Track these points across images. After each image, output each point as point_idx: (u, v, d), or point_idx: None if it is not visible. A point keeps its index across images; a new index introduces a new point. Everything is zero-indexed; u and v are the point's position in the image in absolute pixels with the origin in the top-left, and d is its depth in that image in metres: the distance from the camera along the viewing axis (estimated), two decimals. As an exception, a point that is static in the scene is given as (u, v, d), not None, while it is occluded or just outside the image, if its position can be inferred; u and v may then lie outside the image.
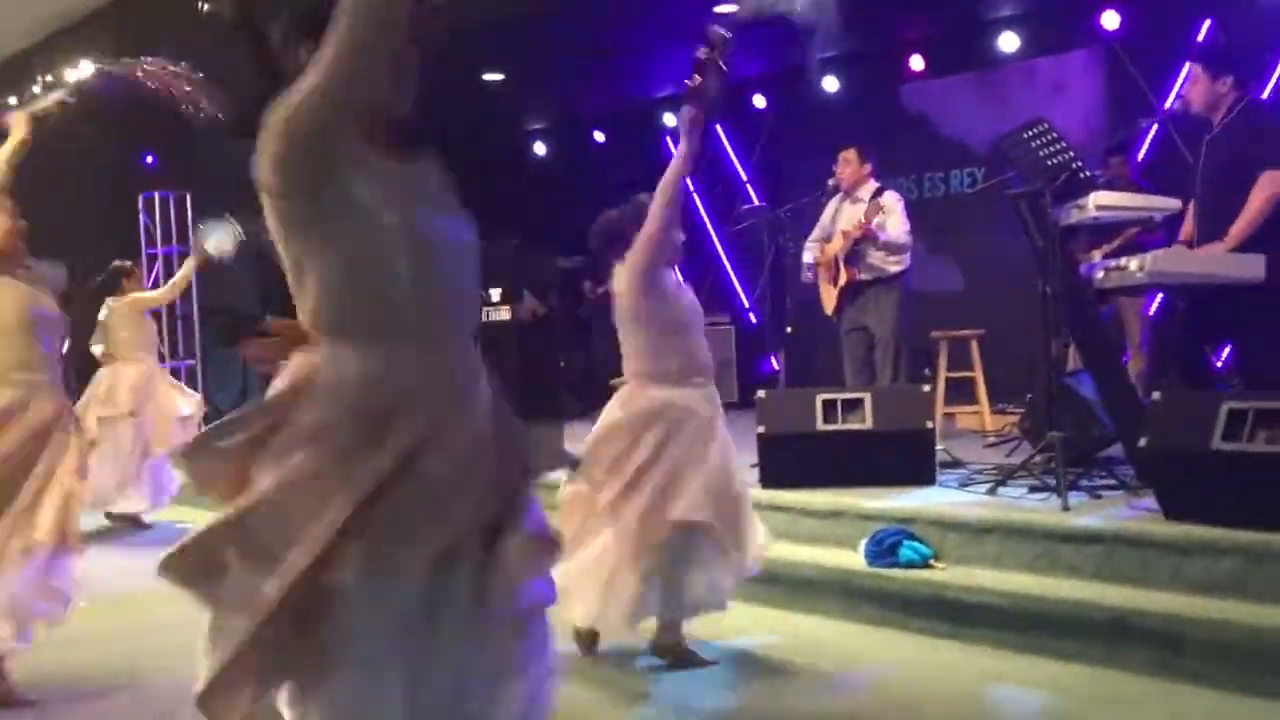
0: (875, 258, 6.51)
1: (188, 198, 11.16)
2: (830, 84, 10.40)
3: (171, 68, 3.82)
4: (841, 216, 6.71)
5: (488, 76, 10.43)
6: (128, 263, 8.02)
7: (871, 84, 10.27)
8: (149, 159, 11.86)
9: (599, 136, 12.08)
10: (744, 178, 11.16)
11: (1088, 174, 4.87)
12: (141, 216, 11.28)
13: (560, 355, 9.53)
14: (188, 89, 3.74)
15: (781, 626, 4.62)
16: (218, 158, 12.21)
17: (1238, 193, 4.65)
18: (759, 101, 10.94)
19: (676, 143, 3.86)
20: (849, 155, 6.70)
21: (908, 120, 10.06)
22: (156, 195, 11.27)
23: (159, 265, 11.22)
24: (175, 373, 9.80)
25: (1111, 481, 4.94)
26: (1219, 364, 5.71)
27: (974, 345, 7.66)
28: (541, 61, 10.20)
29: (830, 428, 5.36)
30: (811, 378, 8.13)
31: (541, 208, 10.99)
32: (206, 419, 9.01)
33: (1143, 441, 4.35)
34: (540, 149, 12.73)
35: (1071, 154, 4.82)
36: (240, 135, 2.14)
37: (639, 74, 10.78)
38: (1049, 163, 4.86)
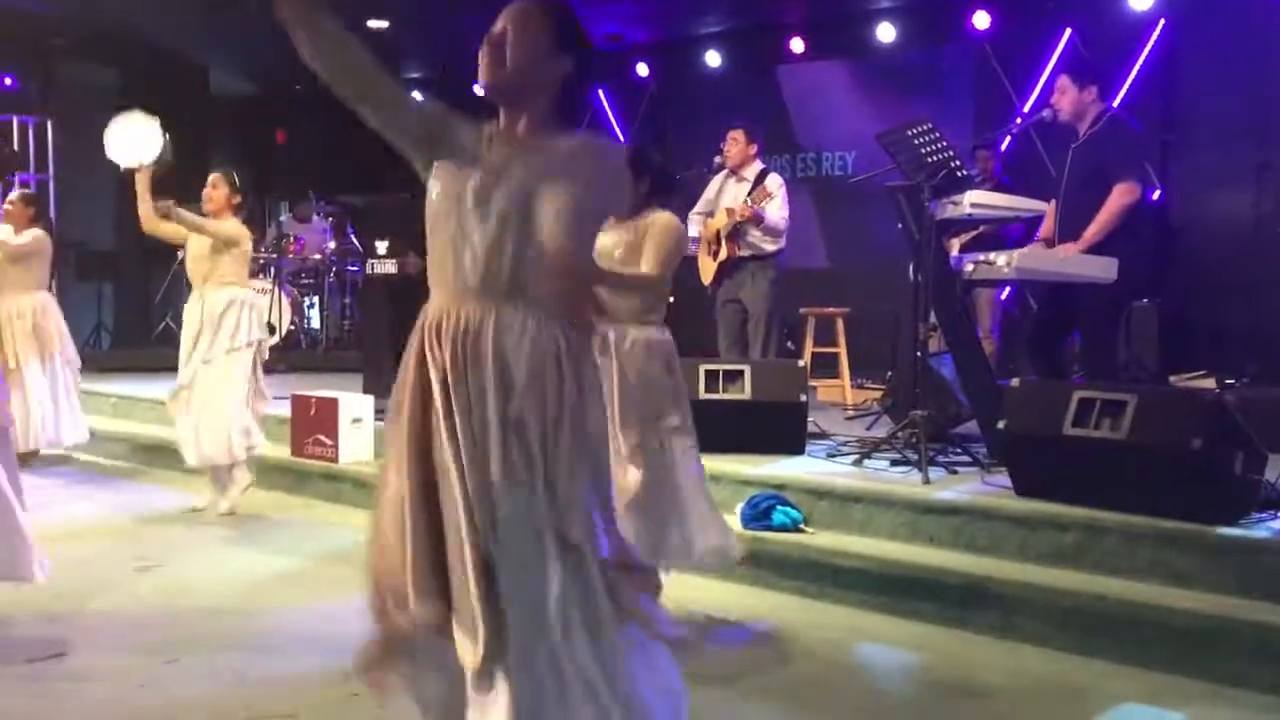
0: (754, 236, 6.80)
1: (49, 123, 10.80)
2: (712, 58, 10.66)
3: None
4: (726, 194, 6.97)
5: (372, 24, 10.35)
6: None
7: (752, 61, 10.58)
8: (7, 81, 11.41)
9: (479, 90, 12.07)
10: (624, 143, 11.36)
11: (965, 172, 5.23)
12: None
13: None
14: None
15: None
16: (80, 83, 11.93)
17: (1097, 199, 5.08)
18: (642, 70, 11.12)
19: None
20: (737, 135, 6.94)
21: (784, 100, 10.39)
22: (15, 120, 10.86)
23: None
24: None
25: (967, 458, 5.35)
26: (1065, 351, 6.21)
27: (839, 322, 8.06)
28: (426, 11, 10.19)
29: (711, 396, 5.64)
30: (681, 345, 8.39)
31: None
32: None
33: (1001, 424, 4.75)
34: (419, 99, 12.65)
35: (951, 153, 5.17)
36: None
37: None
38: (929, 160, 5.20)
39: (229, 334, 5.97)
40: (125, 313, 12.42)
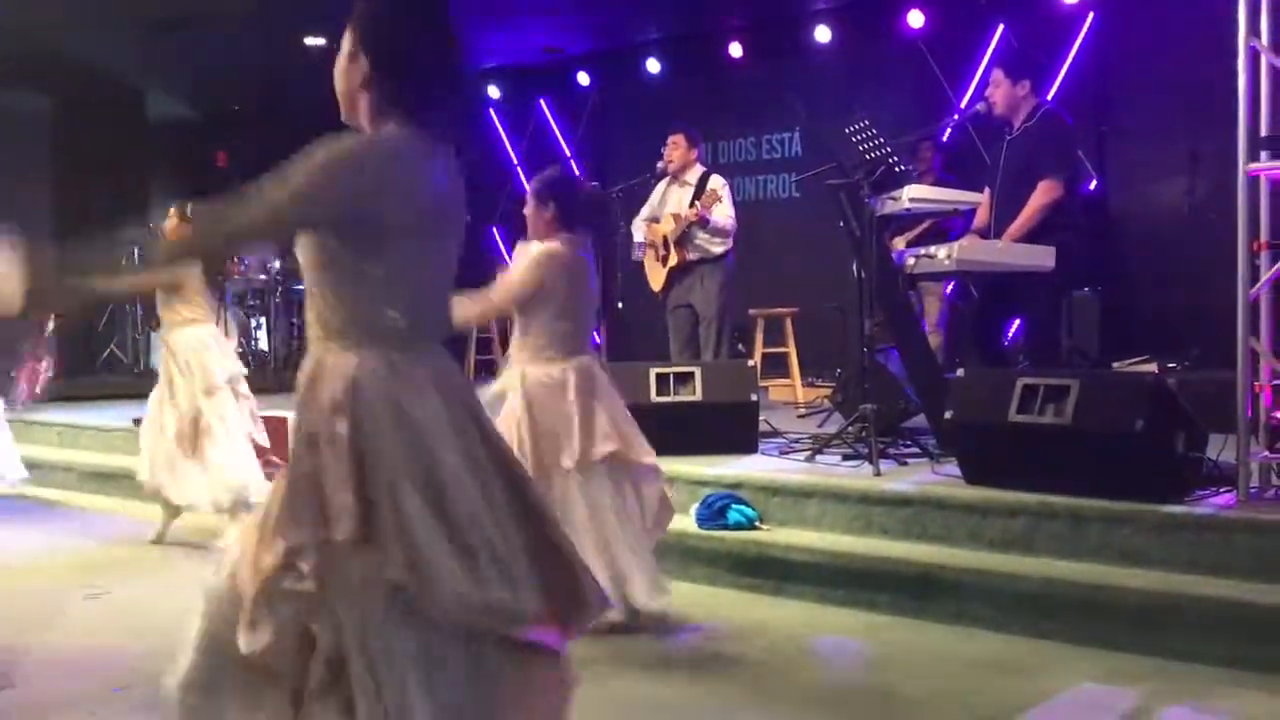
0: (702, 239, 6.84)
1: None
2: (653, 65, 10.70)
3: None
4: (670, 199, 7.00)
5: (309, 41, 10.27)
6: None
7: (692, 67, 10.61)
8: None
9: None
10: (568, 154, 11.36)
11: (902, 168, 5.29)
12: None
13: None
14: None
15: (619, 586, 4.88)
16: (13, 109, 11.74)
17: (1031, 193, 5.17)
18: (583, 79, 11.14)
19: (500, 116, 4.02)
20: (678, 140, 6.97)
21: (728, 104, 10.44)
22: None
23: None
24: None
25: (916, 450, 5.40)
26: (1008, 339, 6.30)
27: (788, 322, 8.11)
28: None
29: (663, 399, 5.66)
30: (632, 351, 8.43)
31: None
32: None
33: (948, 414, 4.80)
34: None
35: (889, 149, 5.23)
36: None
37: (463, 45, 10.81)
38: (868, 157, 5.25)
39: (205, 375, 5.81)
40: (68, 341, 12.21)
